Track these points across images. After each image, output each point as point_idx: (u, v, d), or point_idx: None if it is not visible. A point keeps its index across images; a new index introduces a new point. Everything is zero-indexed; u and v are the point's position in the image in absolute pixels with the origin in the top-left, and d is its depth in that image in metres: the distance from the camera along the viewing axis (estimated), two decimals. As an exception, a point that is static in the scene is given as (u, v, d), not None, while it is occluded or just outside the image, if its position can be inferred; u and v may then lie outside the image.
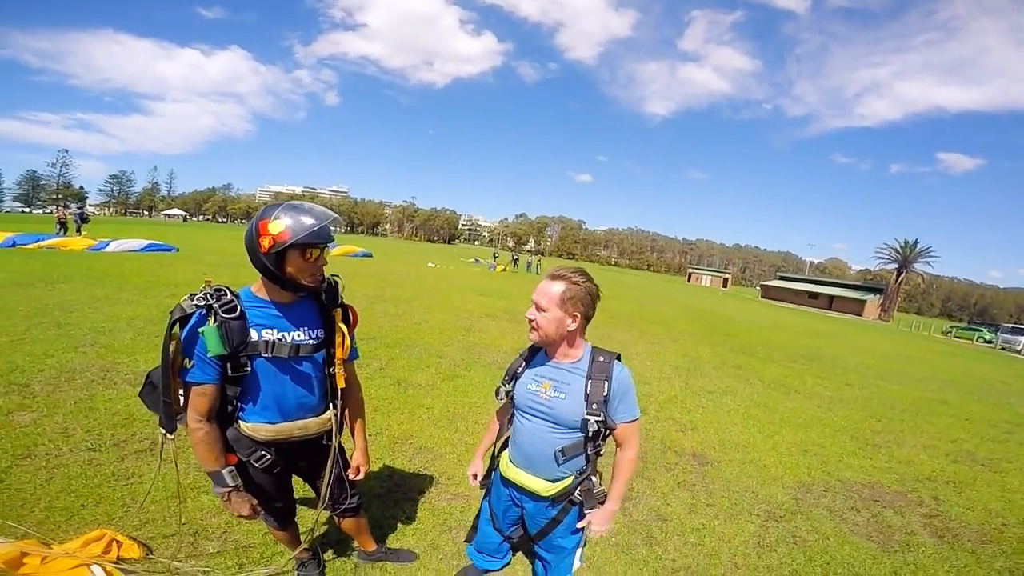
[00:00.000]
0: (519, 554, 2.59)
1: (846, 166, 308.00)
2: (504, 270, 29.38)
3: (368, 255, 25.47)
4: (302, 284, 1.66)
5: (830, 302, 54.28)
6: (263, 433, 1.71)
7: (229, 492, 1.69)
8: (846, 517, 3.54)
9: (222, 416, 1.69)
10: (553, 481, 1.73)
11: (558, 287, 1.61)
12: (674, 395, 6.20)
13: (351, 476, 2.02)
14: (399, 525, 2.80)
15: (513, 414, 1.84)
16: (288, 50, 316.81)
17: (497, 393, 1.85)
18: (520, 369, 1.79)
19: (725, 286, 77.33)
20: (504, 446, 1.90)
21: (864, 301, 51.92)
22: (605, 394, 1.62)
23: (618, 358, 1.71)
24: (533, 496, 1.76)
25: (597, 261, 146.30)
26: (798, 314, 34.40)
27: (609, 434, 1.70)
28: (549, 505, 1.76)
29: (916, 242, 58.54)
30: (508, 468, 1.82)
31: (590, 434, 1.64)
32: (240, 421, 1.71)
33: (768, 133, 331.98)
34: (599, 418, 1.61)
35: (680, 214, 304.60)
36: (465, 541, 2.11)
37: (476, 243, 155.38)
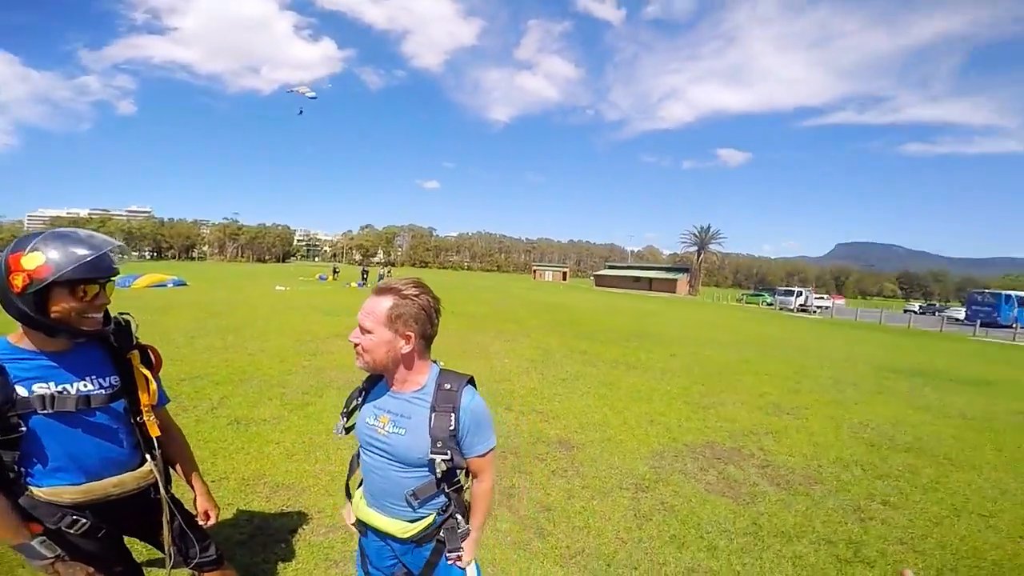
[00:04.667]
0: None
1: (651, 164, 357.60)
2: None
3: (182, 283, 21.98)
4: (76, 329, 1.41)
5: (650, 284, 62.57)
6: (68, 496, 1.47)
7: (52, 563, 1.44)
8: (699, 478, 3.95)
9: (3, 483, 1.41)
10: (412, 521, 1.47)
11: (385, 303, 1.37)
12: (533, 387, 6.42)
13: (203, 522, 1.81)
14: (276, 569, 2.48)
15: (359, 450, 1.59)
16: (71, 54, 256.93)
17: (336, 430, 1.58)
18: (359, 400, 1.55)
19: (565, 279, 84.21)
20: (360, 483, 1.64)
21: (676, 280, 61.06)
22: (452, 428, 1.39)
23: (470, 382, 1.48)
24: (393, 539, 1.51)
25: (450, 266, 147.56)
26: (627, 297, 38.85)
27: (463, 469, 1.50)
28: (415, 547, 1.51)
29: (709, 227, 71.26)
30: (361, 509, 1.56)
31: (439, 475, 1.41)
32: (30, 487, 1.45)
33: (591, 136, 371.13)
34: (446, 456, 1.37)
35: (523, 215, 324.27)
36: None
37: (316, 259, 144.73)
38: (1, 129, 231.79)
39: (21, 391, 1.37)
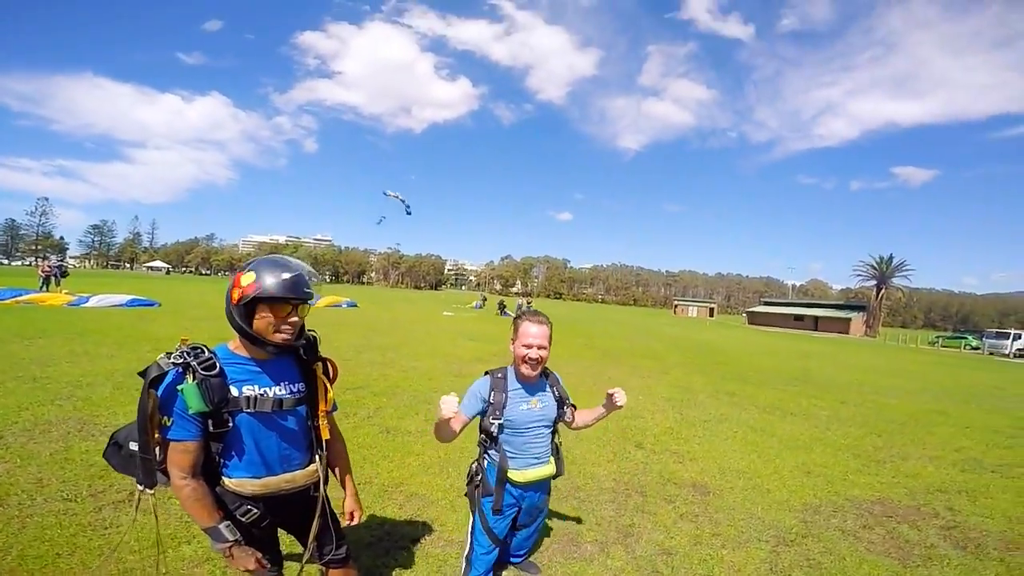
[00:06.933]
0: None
1: (811, 186, 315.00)
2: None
3: (353, 305, 25.28)
4: (269, 340, 1.62)
5: (816, 323, 55.00)
6: (250, 488, 1.67)
7: (230, 547, 1.63)
8: (860, 536, 3.43)
9: (206, 473, 1.64)
10: (552, 461, 2.38)
11: (548, 327, 2.27)
12: (669, 427, 6.10)
13: (346, 522, 1.98)
14: (392, 573, 2.69)
15: (498, 437, 2.27)
16: (266, 97, 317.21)
17: (491, 428, 2.24)
18: (504, 401, 2.23)
19: (712, 315, 78.14)
20: (496, 469, 2.29)
21: (849, 319, 52.76)
22: (563, 390, 2.44)
23: None
24: (545, 480, 2.38)
25: (584, 299, 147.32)
26: (786, 337, 34.68)
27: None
28: (551, 481, 2.46)
29: (891, 257, 60.52)
30: (522, 474, 2.25)
31: (562, 419, 2.42)
32: (224, 477, 1.67)
33: (735, 160, 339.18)
34: (571, 405, 2.45)
35: (661, 247, 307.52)
36: None
37: (463, 287, 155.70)
38: (222, 164, 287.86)
39: (233, 391, 1.59)
